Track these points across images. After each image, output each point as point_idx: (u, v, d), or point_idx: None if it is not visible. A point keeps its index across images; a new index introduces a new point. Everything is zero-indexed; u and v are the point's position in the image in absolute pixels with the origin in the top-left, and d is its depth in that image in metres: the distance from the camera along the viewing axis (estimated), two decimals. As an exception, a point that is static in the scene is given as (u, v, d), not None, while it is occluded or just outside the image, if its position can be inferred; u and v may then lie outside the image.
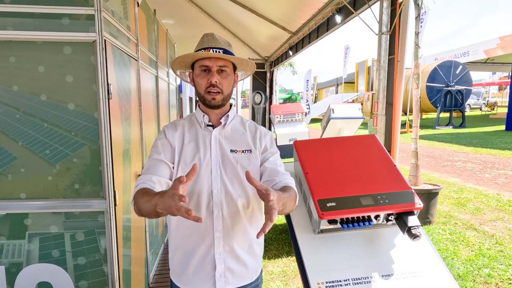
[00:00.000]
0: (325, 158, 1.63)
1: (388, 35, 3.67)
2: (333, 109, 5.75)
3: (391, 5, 3.61)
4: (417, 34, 4.22)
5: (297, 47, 6.89)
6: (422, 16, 4.14)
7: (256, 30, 6.78)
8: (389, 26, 3.66)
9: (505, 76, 27.66)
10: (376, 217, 1.44)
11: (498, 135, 12.22)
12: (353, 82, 28.32)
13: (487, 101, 28.66)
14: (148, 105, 2.96)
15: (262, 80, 9.67)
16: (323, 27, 5.40)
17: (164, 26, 4.03)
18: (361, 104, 8.71)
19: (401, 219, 1.42)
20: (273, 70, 9.52)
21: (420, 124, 4.51)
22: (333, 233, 1.49)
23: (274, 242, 3.94)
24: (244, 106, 34.07)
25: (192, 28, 6.84)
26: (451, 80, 15.96)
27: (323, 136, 5.89)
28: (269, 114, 8.34)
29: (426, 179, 6.15)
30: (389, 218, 1.45)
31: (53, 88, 1.75)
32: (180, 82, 7.40)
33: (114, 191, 1.86)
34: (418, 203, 1.42)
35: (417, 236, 1.35)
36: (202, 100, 1.27)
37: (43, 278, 1.86)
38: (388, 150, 1.67)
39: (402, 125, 8.02)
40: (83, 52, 1.74)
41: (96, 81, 1.75)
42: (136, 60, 2.54)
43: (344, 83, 25.54)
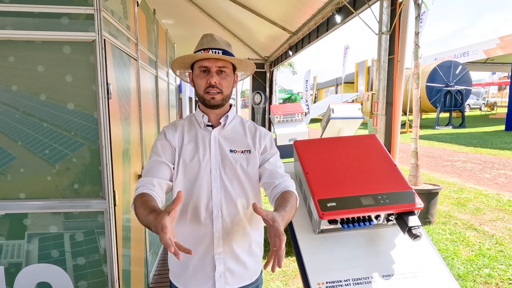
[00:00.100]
0: (326, 158, 1.63)
1: (388, 35, 3.67)
2: (333, 109, 5.76)
3: (391, 5, 3.61)
4: (417, 34, 4.22)
5: (297, 47, 6.89)
6: (422, 16, 4.13)
7: (256, 30, 6.78)
8: (389, 26, 3.65)
9: (505, 76, 27.68)
10: (377, 217, 1.44)
11: (498, 135, 12.23)
12: (353, 82, 28.32)
13: (487, 101, 28.68)
14: (147, 105, 2.96)
15: (261, 80, 9.67)
16: (323, 27, 5.40)
17: (163, 26, 4.03)
18: (361, 104, 8.70)
19: (401, 219, 1.42)
20: (272, 70, 9.52)
21: (420, 124, 4.51)
22: (334, 233, 1.49)
23: (274, 242, 3.94)
24: (243, 106, 34.09)
25: (192, 28, 6.83)
26: (451, 80, 15.97)
27: (323, 136, 5.88)
28: (269, 114, 8.34)
29: (426, 179, 6.15)
30: (390, 218, 1.45)
31: (52, 88, 1.74)
32: (180, 82, 7.39)
33: (113, 191, 1.85)
34: (419, 203, 1.42)
35: (418, 236, 1.35)
36: (201, 100, 1.27)
37: (43, 279, 1.86)
38: (388, 150, 1.67)
39: (402, 125, 8.01)
40: (83, 51, 1.73)
41: (95, 81, 1.75)
42: (136, 60, 2.54)
43: (344, 83, 25.55)
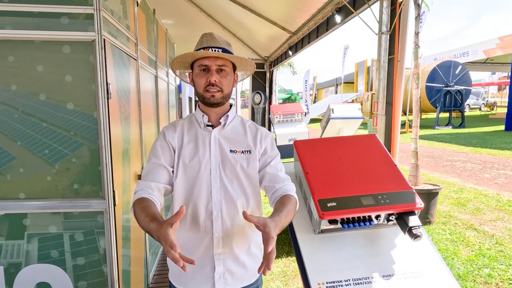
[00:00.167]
0: (326, 157, 1.63)
1: (388, 35, 3.67)
2: (332, 109, 5.75)
3: (391, 4, 3.61)
4: (417, 34, 4.22)
5: (296, 47, 6.89)
6: (421, 16, 4.14)
7: (255, 30, 6.77)
8: (389, 26, 3.65)
9: (505, 76, 27.69)
10: (377, 217, 1.43)
11: (498, 135, 12.23)
12: (353, 82, 28.33)
13: (487, 101, 28.67)
14: (147, 105, 2.95)
15: (261, 80, 9.67)
16: (323, 27, 5.40)
17: (163, 26, 4.03)
18: (361, 104, 8.71)
19: (402, 219, 1.42)
20: (272, 70, 9.51)
21: (419, 124, 4.50)
22: (334, 233, 1.49)
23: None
24: (243, 106, 34.08)
25: (192, 28, 6.83)
26: (451, 80, 15.97)
27: (322, 136, 5.88)
28: (269, 114, 8.34)
29: (426, 179, 6.14)
30: (390, 218, 1.45)
31: (52, 87, 1.74)
32: (180, 82, 7.39)
33: (113, 191, 1.85)
34: (419, 203, 1.42)
35: (418, 236, 1.35)
36: (201, 99, 1.26)
37: (42, 279, 1.85)
38: (388, 150, 1.67)
39: (401, 125, 8.01)
40: (82, 51, 1.73)
41: (95, 81, 1.75)
42: (136, 60, 2.53)
43: (344, 83, 25.55)
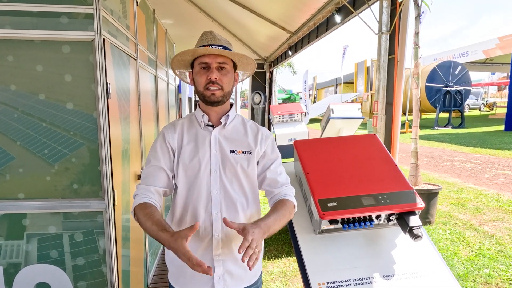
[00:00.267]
0: (326, 157, 1.62)
1: (388, 35, 3.67)
2: (332, 109, 5.75)
3: (391, 4, 3.61)
4: (417, 34, 4.22)
5: (296, 47, 6.89)
6: (421, 16, 4.14)
7: (255, 30, 6.77)
8: (389, 25, 3.65)
9: (504, 77, 27.71)
10: (377, 217, 1.43)
11: (497, 135, 12.24)
12: (352, 82, 28.32)
13: (486, 101, 28.68)
14: (147, 105, 2.95)
15: (261, 80, 9.67)
16: (323, 27, 5.40)
17: (163, 26, 4.02)
18: (360, 104, 8.71)
19: (402, 219, 1.42)
20: (272, 70, 9.52)
21: (419, 124, 4.50)
22: (334, 233, 1.48)
23: (274, 242, 3.93)
24: (243, 106, 34.09)
25: (192, 28, 6.83)
26: (450, 80, 15.98)
27: (322, 136, 5.88)
28: (269, 114, 8.34)
29: (426, 179, 6.14)
30: (391, 218, 1.44)
31: (51, 87, 1.73)
32: (179, 82, 7.39)
33: (113, 191, 1.85)
34: (420, 203, 1.42)
35: (419, 236, 1.35)
36: (201, 98, 1.24)
37: (42, 279, 1.85)
38: (388, 150, 1.66)
39: (401, 125, 8.01)
40: (82, 51, 1.72)
41: (95, 81, 1.74)
42: (135, 60, 2.53)
43: (343, 83, 25.56)
